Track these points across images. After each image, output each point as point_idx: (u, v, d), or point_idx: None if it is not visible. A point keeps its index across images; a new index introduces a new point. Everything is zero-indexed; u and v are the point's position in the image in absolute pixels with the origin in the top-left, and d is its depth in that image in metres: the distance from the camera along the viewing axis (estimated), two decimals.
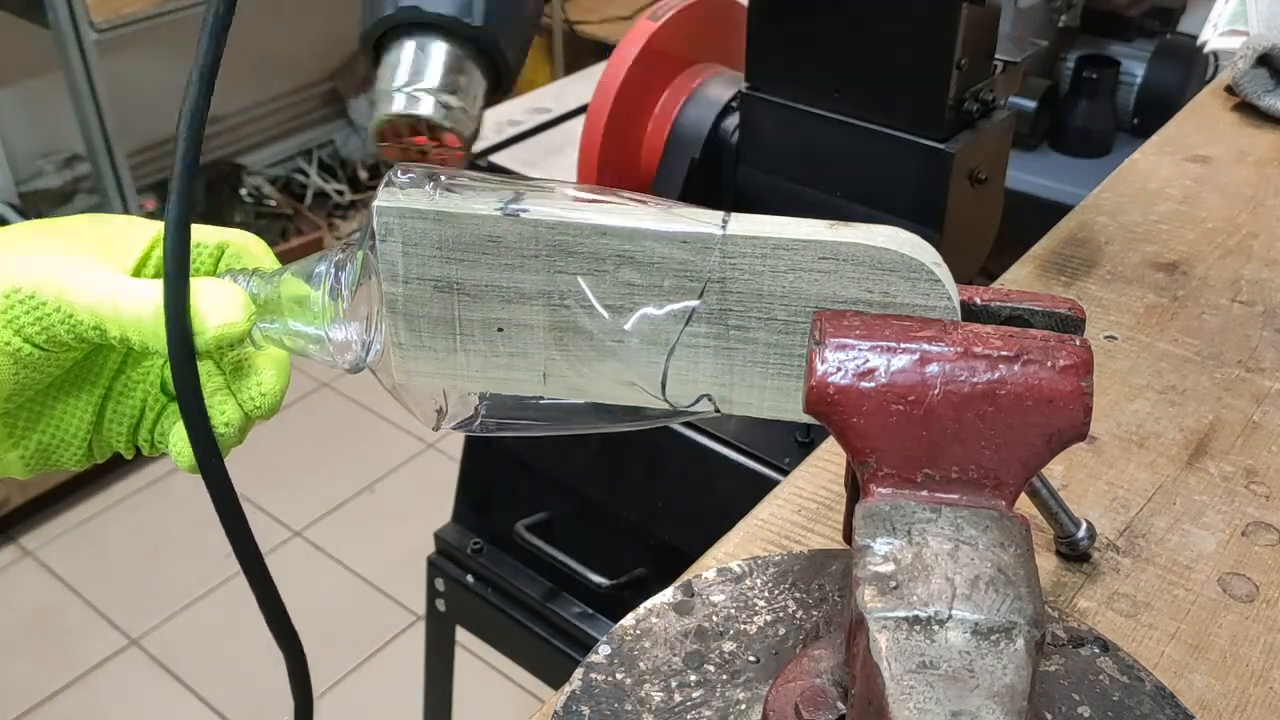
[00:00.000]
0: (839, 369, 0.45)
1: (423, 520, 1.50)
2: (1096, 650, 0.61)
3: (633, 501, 1.21)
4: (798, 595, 0.63)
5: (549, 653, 1.29)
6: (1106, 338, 0.90)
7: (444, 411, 0.54)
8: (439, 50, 0.58)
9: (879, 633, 0.41)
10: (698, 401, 0.51)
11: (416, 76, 0.58)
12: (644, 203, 0.50)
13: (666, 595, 0.63)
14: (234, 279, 0.54)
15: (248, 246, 0.56)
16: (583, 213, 0.48)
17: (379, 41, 0.60)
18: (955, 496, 0.45)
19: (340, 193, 3.34)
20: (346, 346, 0.53)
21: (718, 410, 0.51)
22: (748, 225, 0.48)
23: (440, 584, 1.39)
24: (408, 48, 0.58)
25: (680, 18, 1.24)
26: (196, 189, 0.88)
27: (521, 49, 0.60)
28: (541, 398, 0.53)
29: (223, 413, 0.53)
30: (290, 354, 0.55)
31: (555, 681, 1.24)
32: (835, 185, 1.05)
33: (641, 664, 0.59)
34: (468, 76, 0.59)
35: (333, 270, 0.53)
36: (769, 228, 0.48)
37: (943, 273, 0.47)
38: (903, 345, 0.45)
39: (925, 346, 0.45)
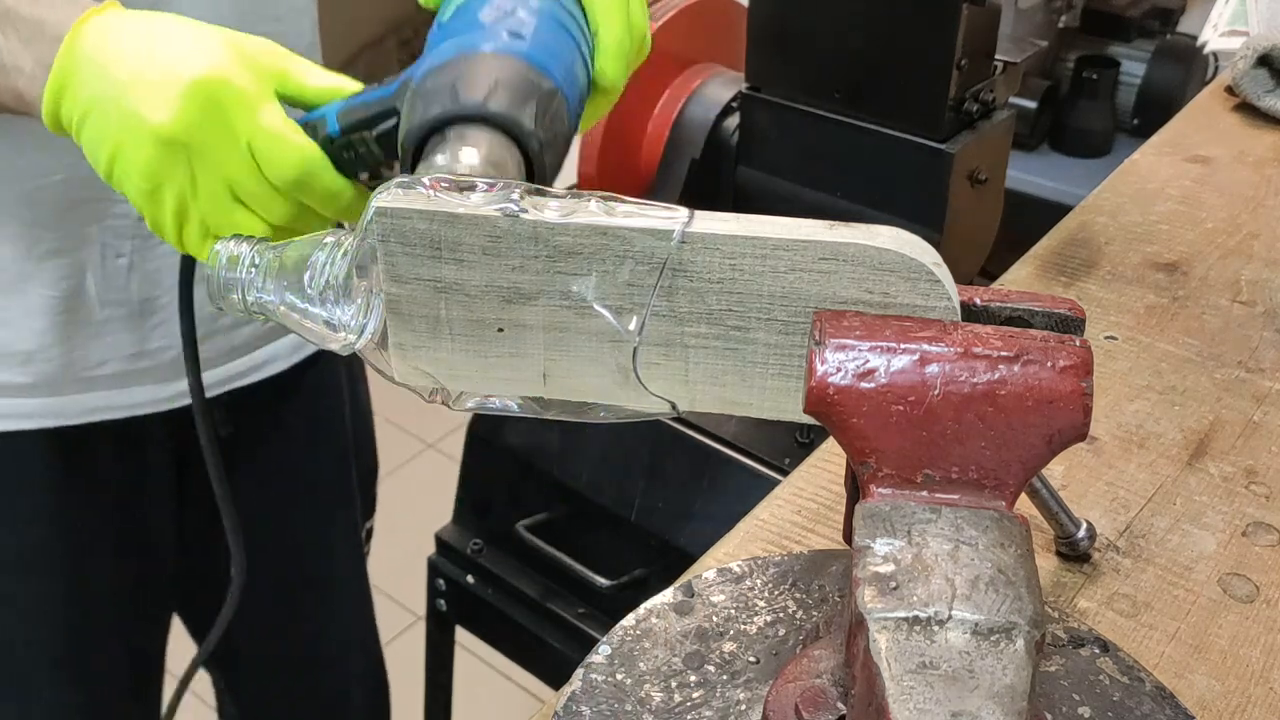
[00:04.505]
0: (839, 369, 0.45)
1: (423, 520, 1.50)
2: (1096, 650, 0.61)
3: (633, 501, 1.21)
4: (798, 596, 0.63)
5: (549, 653, 1.29)
6: (1106, 338, 0.90)
7: (440, 388, 0.54)
8: (488, 137, 0.58)
9: (879, 633, 0.41)
10: (673, 405, 0.52)
11: (465, 153, 0.58)
12: (644, 204, 0.50)
13: (666, 595, 0.63)
14: (238, 243, 0.57)
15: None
16: (582, 213, 0.48)
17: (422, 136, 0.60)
18: (955, 497, 0.45)
19: None
20: (337, 328, 0.53)
21: (679, 413, 0.52)
22: (748, 225, 0.48)
23: (440, 584, 1.38)
24: (453, 136, 0.58)
25: (680, 18, 1.24)
26: None
27: (556, 164, 0.60)
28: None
29: None
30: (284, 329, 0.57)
31: (555, 681, 1.24)
32: (835, 185, 1.05)
33: (641, 664, 0.59)
34: (511, 168, 0.59)
35: (332, 253, 0.53)
36: (768, 228, 0.48)
37: (943, 273, 0.47)
38: (903, 346, 0.45)
39: (925, 347, 0.45)
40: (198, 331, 0.94)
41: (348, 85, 0.64)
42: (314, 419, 1.11)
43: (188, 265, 0.70)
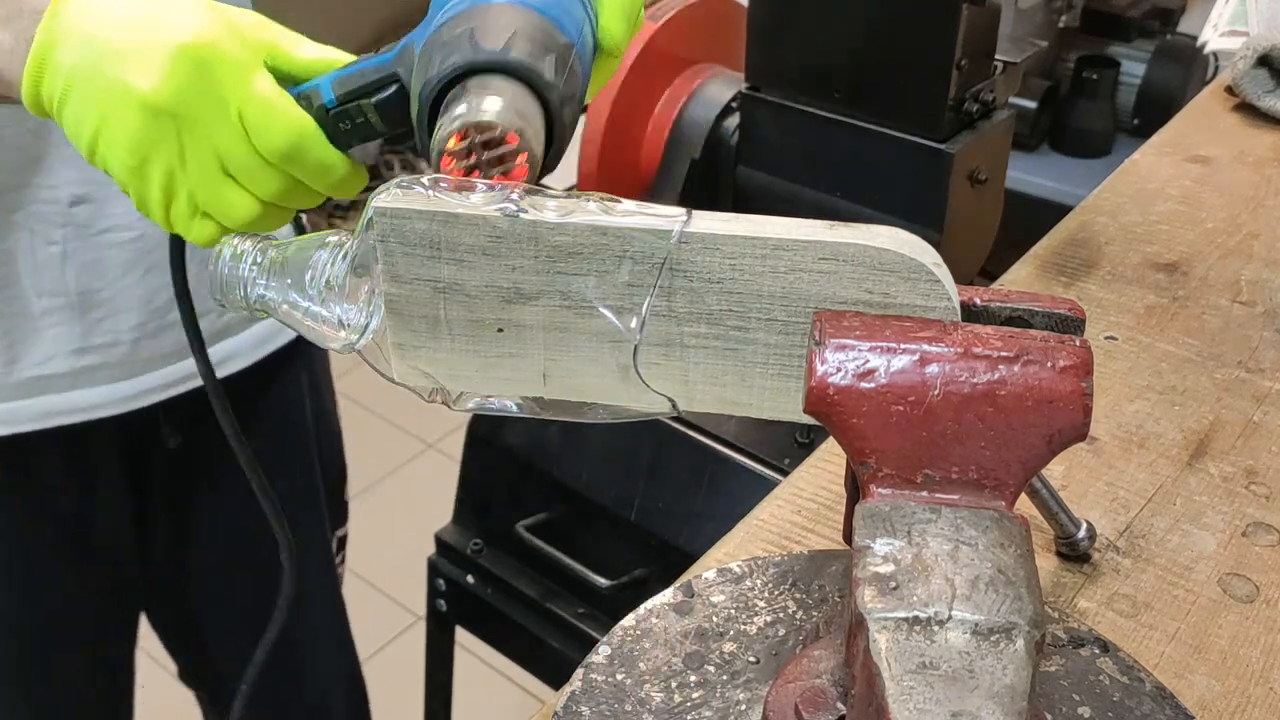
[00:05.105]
0: (839, 369, 0.45)
1: (423, 520, 1.50)
2: (1096, 651, 0.61)
3: (633, 501, 1.21)
4: (798, 596, 0.63)
5: (549, 653, 1.29)
6: (1106, 338, 0.90)
7: (440, 388, 0.54)
8: (511, 88, 0.55)
9: (879, 633, 0.41)
10: (673, 405, 0.51)
11: (488, 101, 0.56)
12: (643, 204, 0.50)
13: (666, 595, 0.63)
14: (242, 240, 0.57)
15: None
16: (581, 213, 0.48)
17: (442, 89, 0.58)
18: (955, 497, 0.45)
19: None
20: (339, 327, 0.53)
21: (679, 413, 0.52)
22: (747, 226, 0.48)
23: (440, 584, 1.38)
24: (474, 86, 0.55)
25: (680, 18, 1.24)
26: None
27: (573, 123, 0.59)
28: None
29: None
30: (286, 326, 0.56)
31: (555, 681, 1.24)
32: (835, 185, 1.06)
33: (641, 664, 0.59)
34: (535, 120, 0.57)
35: (334, 252, 0.53)
36: (768, 228, 0.48)
37: (942, 273, 0.47)
38: (903, 346, 0.45)
39: (925, 347, 0.45)
40: (147, 326, 0.91)
41: (340, 57, 0.62)
42: (273, 427, 1.09)
43: (178, 246, 0.67)
